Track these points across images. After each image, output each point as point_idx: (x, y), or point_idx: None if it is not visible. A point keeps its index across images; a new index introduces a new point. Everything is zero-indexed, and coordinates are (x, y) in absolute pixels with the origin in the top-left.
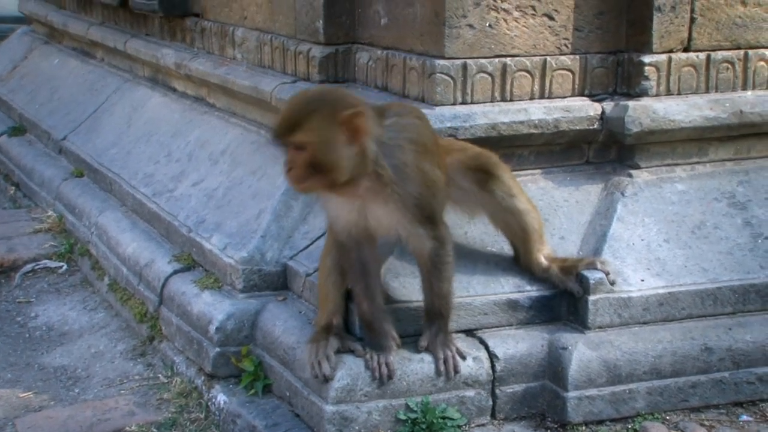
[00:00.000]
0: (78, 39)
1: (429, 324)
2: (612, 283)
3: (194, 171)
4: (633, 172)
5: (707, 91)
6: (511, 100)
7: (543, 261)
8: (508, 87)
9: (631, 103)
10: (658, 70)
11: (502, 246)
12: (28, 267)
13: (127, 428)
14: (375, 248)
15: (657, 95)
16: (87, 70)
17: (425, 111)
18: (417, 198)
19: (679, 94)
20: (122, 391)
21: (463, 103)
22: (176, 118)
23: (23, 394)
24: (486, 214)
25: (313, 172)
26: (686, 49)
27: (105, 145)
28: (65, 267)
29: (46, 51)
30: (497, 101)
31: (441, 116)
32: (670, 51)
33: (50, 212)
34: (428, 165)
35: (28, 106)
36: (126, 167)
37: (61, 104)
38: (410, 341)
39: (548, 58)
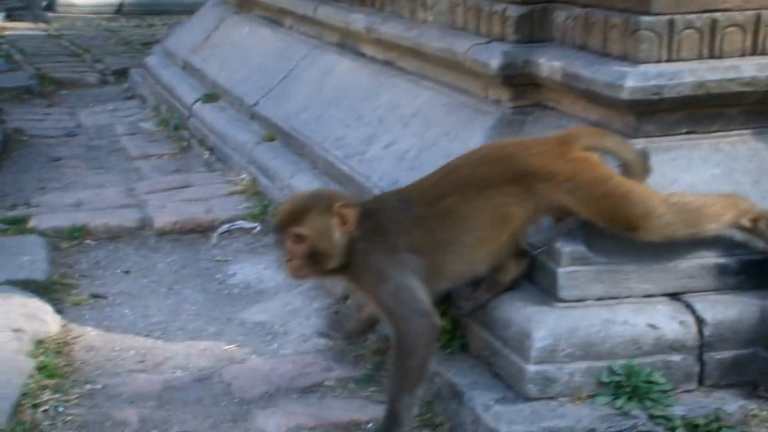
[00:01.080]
0: (267, 8)
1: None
2: None
3: (385, 133)
4: None
5: None
6: (720, 57)
7: (746, 223)
8: (717, 43)
9: None
10: None
11: None
12: (225, 227)
13: (327, 382)
14: None
15: None
16: (276, 38)
17: (627, 69)
18: (372, 290)
19: None
20: (319, 348)
21: (669, 60)
22: (366, 83)
23: (227, 347)
24: None
25: (310, 262)
26: None
27: (295, 110)
28: (259, 227)
29: (237, 21)
30: (705, 58)
31: (645, 74)
32: None
33: (243, 175)
34: (382, 256)
35: (220, 74)
36: (317, 131)
37: (252, 71)
38: (614, 303)
39: (762, 11)
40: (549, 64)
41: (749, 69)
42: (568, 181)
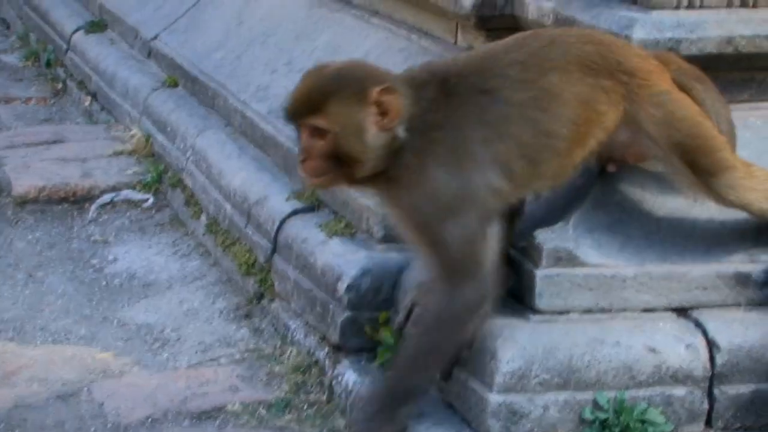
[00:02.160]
0: None
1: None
2: None
3: None
4: None
5: None
6: (754, 6)
7: None
8: None
9: None
10: None
11: None
12: (106, 198)
13: (229, 406)
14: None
15: None
16: None
17: (636, 15)
18: (421, 223)
19: None
20: (222, 360)
21: (690, 7)
22: (301, 16)
23: (101, 355)
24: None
25: (333, 165)
26: None
27: (208, 48)
28: (152, 200)
29: None
30: (735, 6)
31: (659, 23)
32: None
33: (135, 130)
34: (447, 176)
35: None
36: (234, 76)
37: None
38: (605, 318)
39: None
40: (537, 3)
41: None
42: (665, 93)
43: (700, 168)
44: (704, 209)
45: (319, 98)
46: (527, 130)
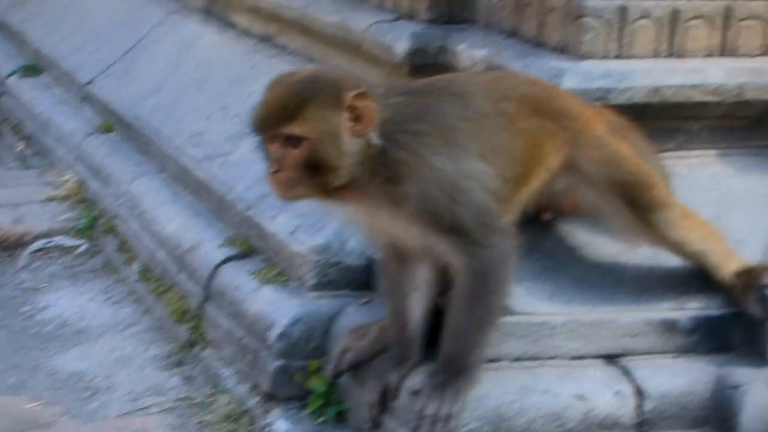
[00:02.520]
0: None
1: (437, 369)
2: None
3: None
4: None
5: None
6: (681, 57)
7: (727, 279)
8: (678, 39)
9: None
10: None
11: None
12: (38, 244)
13: None
14: (411, 261)
15: None
16: None
17: (566, 64)
18: (432, 211)
19: None
20: (153, 409)
21: (619, 57)
22: (236, 62)
23: (29, 405)
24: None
25: (307, 175)
26: None
27: (143, 93)
28: (85, 246)
29: None
30: (663, 56)
31: (588, 73)
32: None
33: (68, 176)
34: (444, 160)
35: (46, 40)
36: (169, 122)
37: (89, 38)
38: (535, 365)
39: (733, 2)
40: (470, 52)
41: (716, 74)
42: (605, 137)
43: (640, 204)
44: (633, 256)
45: (293, 106)
46: (495, 139)
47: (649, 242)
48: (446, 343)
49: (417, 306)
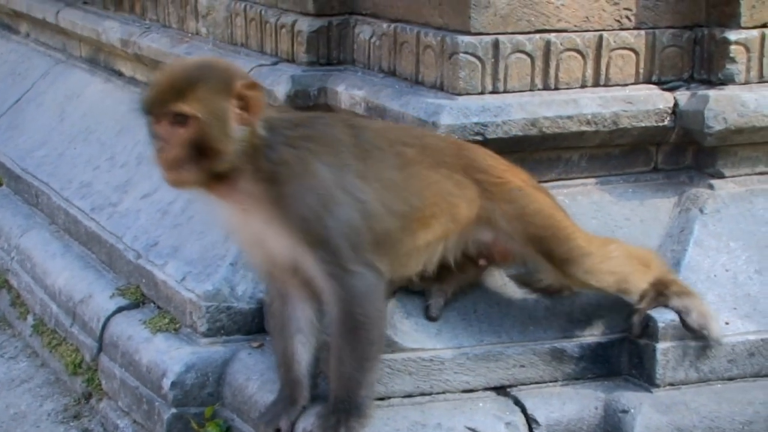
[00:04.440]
0: None
1: (328, 410)
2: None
3: (145, 179)
4: (714, 182)
5: None
6: (556, 89)
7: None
8: (552, 71)
9: (712, 93)
10: (747, 50)
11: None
12: None
13: None
14: (294, 298)
15: (746, 83)
16: (8, 48)
17: (443, 101)
18: (303, 216)
19: None
20: None
21: (495, 92)
22: (122, 111)
23: None
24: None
25: (193, 156)
26: None
27: (30, 145)
28: None
29: None
30: (538, 89)
31: (465, 109)
32: (764, 26)
33: None
34: (326, 169)
35: None
36: (57, 174)
37: None
38: (426, 401)
39: (605, 33)
40: (349, 93)
41: (590, 104)
42: (518, 189)
43: (557, 257)
44: (517, 289)
45: (184, 85)
46: (383, 172)
47: (576, 288)
48: (333, 382)
49: (303, 346)
